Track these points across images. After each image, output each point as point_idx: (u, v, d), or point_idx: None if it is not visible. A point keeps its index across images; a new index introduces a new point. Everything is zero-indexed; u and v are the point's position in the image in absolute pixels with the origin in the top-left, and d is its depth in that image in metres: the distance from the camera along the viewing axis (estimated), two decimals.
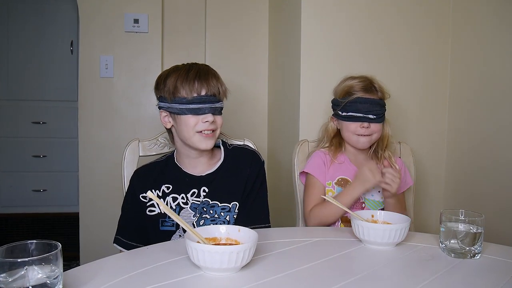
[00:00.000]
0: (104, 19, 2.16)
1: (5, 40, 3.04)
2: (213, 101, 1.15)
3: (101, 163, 2.17)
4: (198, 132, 1.15)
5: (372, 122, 1.31)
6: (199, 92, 1.14)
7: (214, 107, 1.15)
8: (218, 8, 2.27)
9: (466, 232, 0.93)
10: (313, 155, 1.38)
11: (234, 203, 1.19)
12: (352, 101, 1.31)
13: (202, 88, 1.14)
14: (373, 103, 1.30)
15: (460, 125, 1.77)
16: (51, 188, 3.14)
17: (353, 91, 1.32)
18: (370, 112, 1.29)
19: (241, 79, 2.29)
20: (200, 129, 1.14)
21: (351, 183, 1.29)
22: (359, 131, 1.32)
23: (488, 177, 1.60)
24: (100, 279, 0.75)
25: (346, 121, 1.34)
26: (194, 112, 1.13)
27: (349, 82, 1.36)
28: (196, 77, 1.15)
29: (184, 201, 1.18)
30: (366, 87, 1.32)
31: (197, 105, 1.13)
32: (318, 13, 1.69)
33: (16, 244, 0.66)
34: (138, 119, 2.22)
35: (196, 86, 1.14)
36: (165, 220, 1.17)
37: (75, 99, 2.89)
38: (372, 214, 1.10)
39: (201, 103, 1.13)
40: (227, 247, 0.78)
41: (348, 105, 1.31)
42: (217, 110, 1.17)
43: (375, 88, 1.32)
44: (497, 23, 1.58)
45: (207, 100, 1.14)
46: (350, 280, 0.79)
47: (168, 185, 1.20)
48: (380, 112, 1.32)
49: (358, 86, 1.33)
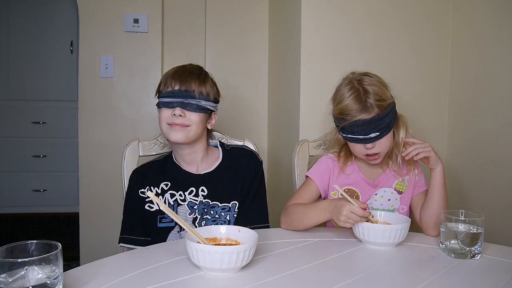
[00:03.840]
0: (104, 19, 2.16)
1: (5, 40, 3.04)
2: (185, 96, 1.18)
3: (101, 163, 2.17)
4: (169, 124, 1.19)
5: (376, 140, 1.16)
6: (173, 86, 1.19)
7: (186, 102, 1.18)
8: (218, 8, 2.27)
9: (466, 232, 0.93)
10: (320, 160, 1.30)
11: (234, 202, 1.22)
12: (348, 125, 1.16)
13: (176, 83, 1.19)
14: (371, 122, 1.14)
15: (460, 125, 1.77)
16: (51, 188, 3.14)
17: (346, 114, 1.16)
18: (371, 131, 1.14)
19: (241, 79, 2.29)
20: (169, 121, 1.19)
21: (322, 204, 1.12)
22: (364, 152, 1.19)
23: (488, 177, 1.60)
24: (100, 279, 0.75)
25: (348, 141, 1.21)
26: (166, 105, 1.19)
27: (342, 102, 1.18)
28: (176, 74, 1.21)
29: (182, 198, 1.21)
30: (361, 108, 1.14)
31: (169, 98, 1.18)
32: (318, 13, 1.69)
33: (16, 244, 0.66)
34: (138, 119, 2.22)
35: (172, 81, 1.20)
36: (163, 216, 1.19)
37: (75, 99, 2.89)
38: (372, 215, 1.10)
39: (172, 97, 1.18)
40: (227, 247, 0.78)
41: (346, 128, 1.17)
42: (191, 106, 1.18)
43: (370, 104, 1.14)
44: (497, 24, 1.57)
45: (178, 95, 1.18)
46: (350, 280, 0.79)
47: (167, 182, 1.23)
48: (382, 126, 1.15)
49: (350, 107, 1.15)
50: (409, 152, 1.12)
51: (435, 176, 1.14)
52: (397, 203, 1.25)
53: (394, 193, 1.24)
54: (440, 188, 1.14)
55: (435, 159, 1.13)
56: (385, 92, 1.18)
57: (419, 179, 1.25)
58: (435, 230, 1.12)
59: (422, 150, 1.11)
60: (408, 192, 1.25)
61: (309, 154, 1.43)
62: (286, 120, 1.94)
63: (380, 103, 1.15)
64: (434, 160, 1.13)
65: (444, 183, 1.15)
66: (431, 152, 1.12)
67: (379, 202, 1.25)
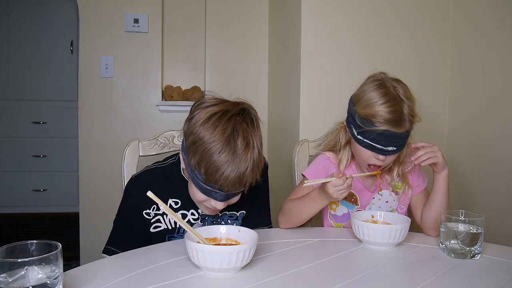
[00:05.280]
0: (104, 19, 2.16)
1: (5, 40, 3.04)
2: (231, 196, 0.99)
3: (101, 163, 2.17)
4: (203, 205, 1.04)
5: (392, 154, 1.10)
6: (217, 184, 0.94)
7: (232, 194, 0.99)
8: (218, 8, 2.27)
9: (466, 232, 0.93)
10: (316, 160, 1.28)
11: (242, 211, 1.17)
12: (373, 131, 1.06)
13: (222, 182, 0.93)
14: (398, 136, 1.06)
15: (460, 125, 1.77)
16: (51, 188, 3.14)
17: (378, 121, 1.05)
18: (391, 145, 1.07)
19: (241, 79, 2.29)
20: (207, 206, 1.02)
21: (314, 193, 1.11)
22: (371, 161, 1.12)
23: (488, 177, 1.60)
24: (100, 279, 0.75)
25: (360, 145, 1.12)
26: (205, 193, 0.97)
27: (376, 105, 1.05)
28: (223, 167, 0.91)
29: (195, 217, 1.11)
30: (396, 119, 1.04)
31: (211, 188, 0.96)
32: (318, 13, 1.69)
33: (16, 244, 0.66)
34: (138, 119, 2.22)
35: (216, 176, 0.93)
36: (173, 236, 1.09)
37: (75, 99, 2.89)
38: (372, 215, 1.10)
39: (217, 189, 0.96)
40: (227, 247, 0.78)
41: (367, 133, 1.08)
42: (235, 195, 1.01)
43: (405, 118, 1.05)
44: (497, 24, 1.57)
45: (224, 194, 0.96)
46: (350, 280, 0.79)
47: (176, 200, 1.10)
48: (403, 143, 1.09)
49: (386, 117, 1.04)
50: (418, 157, 1.07)
51: (440, 180, 1.12)
52: (395, 203, 1.25)
53: (391, 194, 1.24)
54: (444, 192, 1.12)
55: (442, 165, 1.09)
56: (418, 113, 1.10)
57: (415, 180, 1.24)
58: (436, 232, 1.11)
59: (432, 155, 1.07)
60: (405, 192, 1.24)
61: (309, 154, 1.43)
62: (286, 120, 1.94)
63: (413, 118, 1.08)
64: (442, 165, 1.09)
65: (448, 187, 1.13)
66: (440, 158, 1.07)
67: (377, 205, 1.25)
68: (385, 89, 1.07)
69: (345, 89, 1.72)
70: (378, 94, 1.07)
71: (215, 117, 0.94)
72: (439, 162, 1.08)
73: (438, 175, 1.12)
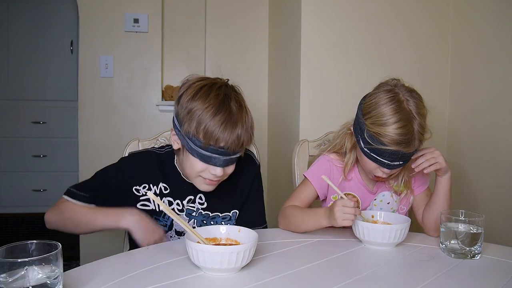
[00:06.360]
0: (104, 19, 2.16)
1: (5, 40, 3.04)
2: (230, 154, 1.02)
3: (101, 163, 2.15)
4: (202, 177, 1.06)
5: (397, 167, 1.09)
6: (219, 143, 0.99)
7: (229, 159, 1.03)
8: (218, 8, 2.27)
9: (466, 232, 0.93)
10: (318, 161, 1.25)
11: (234, 211, 1.18)
12: (382, 150, 1.04)
13: (223, 139, 0.98)
14: (406, 155, 1.05)
15: (460, 125, 1.77)
16: (51, 188, 3.14)
17: (387, 141, 1.02)
18: (398, 160, 1.05)
19: (241, 79, 2.27)
20: (205, 177, 1.05)
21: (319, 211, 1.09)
22: (376, 173, 1.11)
23: (488, 177, 1.60)
24: (100, 279, 0.75)
25: (365, 156, 1.10)
26: (205, 160, 1.01)
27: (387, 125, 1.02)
28: (222, 125, 0.98)
29: (179, 208, 1.13)
30: (405, 141, 1.01)
31: (211, 153, 1.00)
32: (318, 13, 1.69)
33: (16, 244, 0.66)
34: (138, 119, 2.22)
35: (219, 136, 0.98)
36: (158, 218, 1.12)
37: (75, 99, 2.89)
38: (372, 215, 1.10)
39: (216, 153, 1.00)
40: (227, 247, 0.78)
41: (375, 149, 1.05)
42: (232, 162, 1.05)
43: (414, 137, 1.02)
44: (497, 24, 1.57)
45: (223, 153, 1.00)
46: (350, 280, 0.79)
47: (166, 186, 1.14)
48: (409, 158, 1.07)
49: (396, 139, 1.01)
50: (419, 165, 1.06)
51: (442, 183, 1.11)
52: (396, 204, 1.25)
53: (393, 195, 1.24)
54: (446, 194, 1.12)
55: (445, 169, 1.08)
56: (426, 119, 1.07)
57: (417, 180, 1.23)
58: (437, 232, 1.11)
59: (434, 161, 1.05)
60: (407, 196, 1.23)
61: (309, 154, 1.43)
62: (286, 120, 1.94)
63: (423, 136, 1.05)
64: (444, 169, 1.08)
65: (450, 190, 1.12)
66: (442, 163, 1.06)
67: (379, 207, 1.24)
68: (397, 104, 1.03)
69: (345, 89, 1.73)
70: (390, 111, 1.03)
71: (205, 88, 1.02)
72: (441, 168, 1.07)
73: (440, 178, 1.11)
